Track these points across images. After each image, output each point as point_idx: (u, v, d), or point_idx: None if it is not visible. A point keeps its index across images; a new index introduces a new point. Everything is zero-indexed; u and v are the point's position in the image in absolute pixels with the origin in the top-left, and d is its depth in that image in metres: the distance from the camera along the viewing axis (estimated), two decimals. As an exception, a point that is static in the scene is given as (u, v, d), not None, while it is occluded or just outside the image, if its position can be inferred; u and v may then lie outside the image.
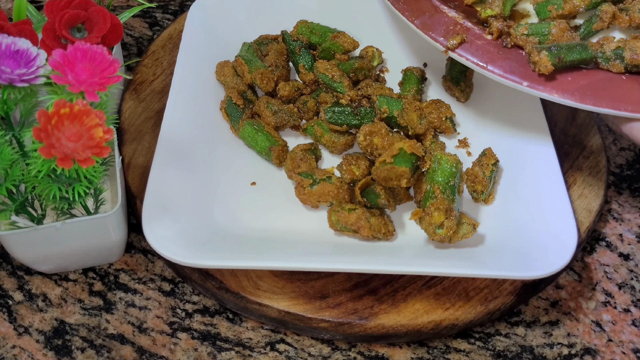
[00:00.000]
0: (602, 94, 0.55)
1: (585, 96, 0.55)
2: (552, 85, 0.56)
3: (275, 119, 0.66)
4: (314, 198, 0.60)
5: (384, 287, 0.58)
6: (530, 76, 0.57)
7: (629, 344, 0.60)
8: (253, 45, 0.73)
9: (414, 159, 0.57)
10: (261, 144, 0.65)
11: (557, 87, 0.56)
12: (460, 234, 0.57)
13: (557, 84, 0.56)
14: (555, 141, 0.64)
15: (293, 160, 0.63)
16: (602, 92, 0.55)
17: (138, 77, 0.75)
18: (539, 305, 0.62)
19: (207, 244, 0.57)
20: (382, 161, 0.57)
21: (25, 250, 0.57)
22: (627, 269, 0.65)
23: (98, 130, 0.47)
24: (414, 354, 0.59)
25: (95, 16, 0.62)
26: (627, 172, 0.73)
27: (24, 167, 0.52)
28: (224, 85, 0.71)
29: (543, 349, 0.59)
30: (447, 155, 0.57)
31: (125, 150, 0.67)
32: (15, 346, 0.58)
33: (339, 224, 0.58)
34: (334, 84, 0.67)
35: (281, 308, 0.57)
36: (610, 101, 0.55)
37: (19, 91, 0.51)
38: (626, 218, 0.69)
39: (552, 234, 0.56)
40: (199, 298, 0.62)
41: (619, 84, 0.56)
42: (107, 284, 0.62)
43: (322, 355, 0.59)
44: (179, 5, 0.90)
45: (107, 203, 0.62)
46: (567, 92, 0.56)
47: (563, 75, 0.57)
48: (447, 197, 0.56)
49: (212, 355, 0.58)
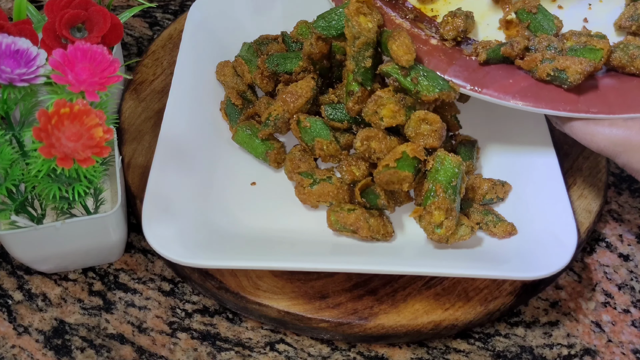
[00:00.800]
0: (541, 95, 0.57)
1: (525, 97, 0.57)
2: (494, 87, 0.58)
3: (274, 128, 0.65)
4: (313, 198, 0.60)
5: (383, 287, 0.58)
6: (473, 80, 0.59)
7: (629, 344, 0.60)
8: (253, 45, 0.73)
9: (416, 162, 0.57)
10: (257, 148, 0.65)
11: (499, 89, 0.58)
12: (458, 235, 0.57)
13: (499, 86, 0.58)
14: (555, 142, 0.64)
15: (292, 161, 0.63)
16: (542, 94, 0.57)
17: (138, 77, 0.75)
18: (539, 305, 0.62)
19: (207, 244, 0.57)
20: (384, 165, 0.57)
21: (25, 250, 0.57)
22: (626, 270, 0.65)
23: (98, 130, 0.47)
24: (413, 354, 0.59)
25: (96, 16, 0.62)
26: (627, 173, 0.73)
27: (24, 166, 0.52)
28: (224, 85, 0.71)
29: (543, 350, 0.59)
30: (451, 155, 0.57)
31: (125, 150, 0.67)
32: (14, 346, 0.58)
33: (338, 224, 0.58)
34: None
35: (281, 308, 0.57)
36: (550, 102, 0.56)
37: (19, 91, 0.51)
38: (626, 219, 0.69)
39: (552, 235, 0.56)
40: (199, 298, 0.62)
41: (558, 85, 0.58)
42: (107, 284, 0.62)
43: (321, 355, 0.59)
44: (179, 5, 0.90)
45: (107, 203, 0.62)
46: (509, 93, 0.57)
47: (505, 78, 0.58)
48: (449, 197, 0.56)
49: (211, 355, 0.58)
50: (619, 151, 0.54)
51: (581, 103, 0.56)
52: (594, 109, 0.56)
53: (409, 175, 0.57)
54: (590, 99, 0.56)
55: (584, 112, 0.56)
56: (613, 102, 0.56)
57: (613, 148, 0.54)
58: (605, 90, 0.57)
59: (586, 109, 0.56)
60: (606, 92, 0.57)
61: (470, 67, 0.60)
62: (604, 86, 0.57)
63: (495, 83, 0.58)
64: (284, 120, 0.64)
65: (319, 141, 0.62)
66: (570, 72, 0.56)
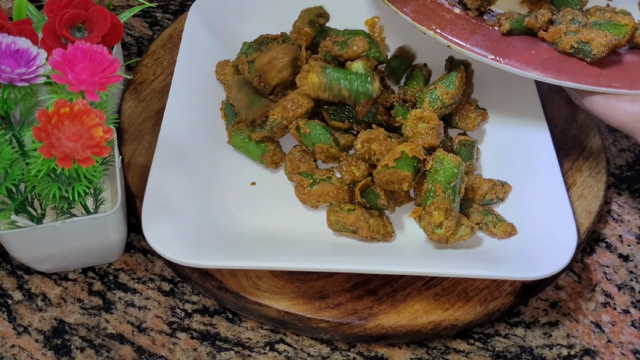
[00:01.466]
0: (564, 68, 0.57)
1: (547, 69, 0.57)
2: (515, 58, 0.58)
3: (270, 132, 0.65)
4: (313, 198, 0.60)
5: (383, 287, 0.58)
6: (495, 50, 0.58)
7: (629, 345, 0.60)
8: (253, 45, 0.73)
9: (416, 162, 0.57)
10: (253, 152, 0.65)
11: (521, 60, 0.58)
12: (458, 236, 0.57)
13: (521, 57, 0.58)
14: (555, 142, 0.64)
15: (292, 162, 0.63)
16: (564, 66, 0.57)
17: (138, 77, 0.75)
18: (539, 306, 0.62)
19: (206, 244, 0.57)
20: (384, 165, 0.57)
21: (25, 250, 0.57)
22: (626, 270, 0.65)
23: (98, 130, 0.47)
24: (413, 354, 0.59)
25: (96, 16, 0.62)
26: (627, 173, 0.73)
27: (23, 166, 0.52)
28: (224, 84, 0.71)
29: (542, 350, 0.59)
30: (450, 156, 0.57)
31: (125, 150, 0.67)
32: (14, 345, 0.58)
33: (338, 224, 0.58)
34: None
35: (280, 308, 0.57)
36: (572, 74, 0.56)
37: (19, 90, 0.51)
38: (626, 219, 0.69)
39: (552, 235, 0.56)
40: (199, 298, 0.62)
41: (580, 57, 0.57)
42: (107, 284, 0.62)
43: (321, 355, 0.59)
44: (179, 5, 0.90)
45: (107, 203, 0.62)
46: (530, 64, 0.57)
47: (527, 49, 0.58)
48: (448, 197, 0.56)
49: (211, 355, 0.58)
50: (638, 127, 0.54)
51: (603, 77, 0.56)
52: (615, 84, 0.55)
53: (408, 174, 0.57)
54: (613, 74, 0.56)
55: (605, 86, 0.55)
56: (635, 78, 0.56)
57: (633, 124, 0.55)
58: (628, 65, 0.57)
59: (608, 83, 0.55)
60: (629, 68, 0.57)
61: (493, 37, 0.59)
62: (627, 62, 0.57)
63: (517, 54, 0.58)
64: (281, 126, 0.64)
65: (319, 146, 0.62)
66: (595, 44, 0.55)
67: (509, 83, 0.69)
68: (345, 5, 0.76)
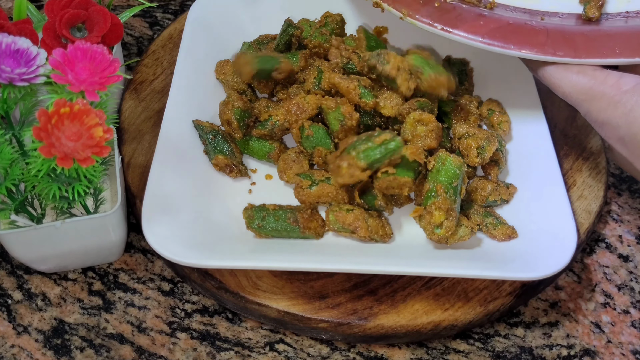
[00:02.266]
0: (510, 37, 0.58)
1: (494, 38, 0.58)
2: (463, 28, 0.58)
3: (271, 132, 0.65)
4: (312, 199, 0.60)
5: (383, 287, 0.58)
6: (444, 20, 0.59)
7: (628, 345, 0.60)
8: (253, 45, 0.73)
9: (416, 165, 0.57)
10: (258, 152, 0.66)
11: (468, 29, 0.58)
12: (458, 236, 0.57)
13: (469, 27, 0.59)
14: (555, 142, 0.64)
15: (285, 162, 0.63)
16: (511, 36, 0.58)
17: (138, 77, 0.75)
18: (538, 306, 0.62)
19: (206, 244, 0.57)
20: (384, 172, 0.56)
21: (25, 250, 0.57)
22: (626, 270, 0.65)
23: (98, 130, 0.47)
24: (413, 354, 0.59)
25: (96, 16, 0.62)
26: (627, 174, 0.73)
27: (23, 166, 0.52)
28: (224, 84, 0.71)
29: (542, 350, 0.59)
30: (452, 156, 0.57)
31: (125, 150, 0.67)
32: (14, 345, 0.58)
33: (337, 224, 0.58)
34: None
35: (280, 308, 0.57)
36: (517, 43, 0.57)
37: (19, 90, 0.51)
38: (626, 219, 0.69)
39: (552, 235, 0.56)
40: (198, 298, 0.62)
41: (528, 28, 0.58)
42: (107, 284, 0.62)
43: (321, 355, 0.59)
44: (179, 5, 0.90)
45: (107, 202, 0.62)
46: (478, 34, 0.58)
47: (476, 19, 0.59)
48: (449, 197, 0.56)
49: (211, 355, 0.58)
50: (581, 99, 0.55)
51: (548, 46, 0.57)
52: (560, 52, 0.56)
53: (409, 180, 0.56)
54: (557, 42, 0.57)
55: (550, 55, 0.56)
56: (579, 47, 0.56)
57: (577, 95, 0.55)
58: (574, 35, 0.58)
59: (552, 51, 0.56)
60: (574, 37, 0.57)
61: (443, 9, 0.60)
62: (573, 32, 0.58)
63: (465, 24, 0.59)
64: (282, 128, 0.64)
65: (319, 149, 0.62)
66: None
67: (508, 83, 0.69)
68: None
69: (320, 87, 0.64)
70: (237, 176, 0.64)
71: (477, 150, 0.61)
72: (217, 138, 0.64)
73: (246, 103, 0.65)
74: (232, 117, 0.64)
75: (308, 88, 0.65)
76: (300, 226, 0.59)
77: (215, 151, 0.64)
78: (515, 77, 0.70)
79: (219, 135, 0.64)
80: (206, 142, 0.65)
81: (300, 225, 0.59)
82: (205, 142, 0.65)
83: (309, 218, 0.59)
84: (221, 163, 0.64)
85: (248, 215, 0.59)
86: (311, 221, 0.59)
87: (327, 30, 0.69)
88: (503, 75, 0.70)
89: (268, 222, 0.59)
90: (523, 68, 0.70)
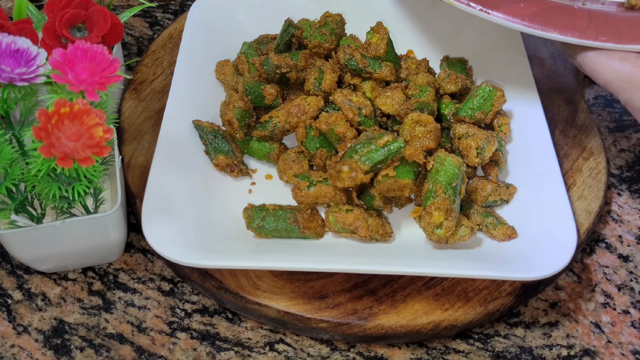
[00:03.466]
0: (551, 20, 0.57)
1: (534, 21, 0.57)
2: (503, 10, 0.57)
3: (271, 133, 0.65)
4: (310, 200, 0.60)
5: (383, 287, 0.58)
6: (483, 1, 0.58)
7: (628, 345, 0.60)
8: (253, 44, 0.73)
9: (416, 166, 0.57)
10: (258, 152, 0.66)
11: (508, 11, 0.57)
12: (458, 236, 0.57)
13: (509, 9, 0.57)
14: (555, 142, 0.64)
15: (285, 162, 0.63)
16: (552, 19, 0.57)
17: (138, 77, 0.75)
18: (538, 306, 0.62)
19: (206, 244, 0.57)
20: (384, 175, 0.56)
21: (25, 250, 0.57)
22: (626, 271, 0.65)
23: (98, 130, 0.47)
24: (413, 354, 0.59)
25: (96, 15, 0.62)
26: (627, 174, 0.73)
27: (23, 166, 0.52)
28: (224, 84, 0.71)
29: (542, 350, 0.59)
30: (452, 156, 0.57)
31: (125, 150, 0.67)
32: (14, 345, 0.58)
33: (337, 225, 0.58)
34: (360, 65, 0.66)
35: (280, 308, 0.57)
36: (558, 27, 0.56)
37: (19, 90, 0.51)
38: (626, 219, 0.69)
39: (552, 235, 0.56)
40: (198, 298, 0.62)
41: (569, 12, 0.57)
42: (107, 284, 0.62)
43: (321, 355, 0.59)
44: (180, 5, 0.90)
45: (107, 202, 0.62)
46: (518, 16, 0.57)
47: (516, 2, 0.58)
48: (449, 197, 0.56)
49: (211, 355, 0.58)
50: (624, 87, 0.54)
51: (590, 30, 0.55)
52: (602, 37, 0.55)
53: (409, 182, 0.56)
54: (600, 27, 0.56)
55: (592, 40, 0.55)
56: (623, 32, 0.55)
57: (619, 83, 0.54)
58: (617, 20, 0.57)
59: (595, 36, 0.55)
60: (617, 23, 0.56)
61: None
62: (616, 17, 0.57)
63: (505, 5, 0.58)
64: (283, 129, 0.64)
65: (322, 151, 0.62)
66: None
67: (508, 82, 0.69)
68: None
69: (320, 88, 0.64)
70: (238, 175, 0.64)
71: (477, 151, 0.61)
72: (217, 138, 0.64)
73: (247, 103, 0.65)
74: (233, 117, 0.64)
75: (308, 88, 0.65)
76: (300, 226, 0.59)
77: (216, 151, 0.64)
78: (515, 76, 0.70)
79: (219, 135, 0.65)
80: (207, 143, 0.65)
81: (300, 225, 0.59)
82: (206, 143, 0.65)
83: (309, 218, 0.59)
84: (222, 163, 0.64)
85: (248, 215, 0.59)
86: (311, 221, 0.59)
87: (327, 30, 0.69)
88: (503, 75, 0.70)
89: (268, 222, 0.59)
90: (523, 68, 0.70)
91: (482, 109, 0.64)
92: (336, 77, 0.65)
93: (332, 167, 0.57)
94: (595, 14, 0.57)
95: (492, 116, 0.65)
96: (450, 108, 0.66)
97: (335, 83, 0.65)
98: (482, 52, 0.73)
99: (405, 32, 0.76)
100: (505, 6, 0.58)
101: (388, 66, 0.65)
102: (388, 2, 0.78)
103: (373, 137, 0.57)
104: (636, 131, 0.76)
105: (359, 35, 0.71)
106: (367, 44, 0.68)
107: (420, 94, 0.65)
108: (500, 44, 0.73)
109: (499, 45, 0.73)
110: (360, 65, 0.64)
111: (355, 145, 0.56)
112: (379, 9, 0.77)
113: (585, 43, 0.55)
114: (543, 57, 0.78)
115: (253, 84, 0.66)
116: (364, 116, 0.62)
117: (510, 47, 0.72)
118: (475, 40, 0.73)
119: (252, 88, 0.66)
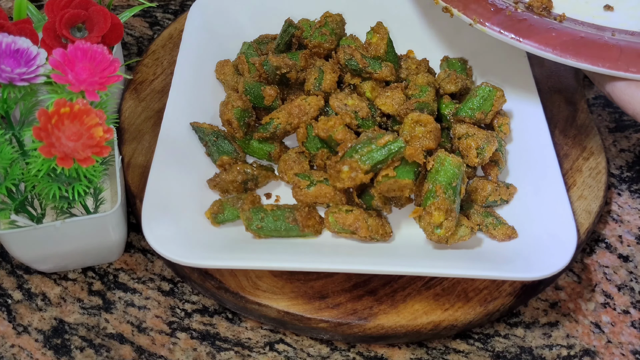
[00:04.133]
0: (582, 51, 0.57)
1: (566, 51, 0.58)
2: (535, 39, 0.58)
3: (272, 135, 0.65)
4: (310, 199, 0.60)
5: (383, 287, 0.58)
6: (516, 30, 0.59)
7: (628, 345, 0.60)
8: (253, 44, 0.73)
9: (416, 166, 0.57)
10: (259, 152, 0.65)
11: (540, 40, 0.58)
12: (458, 236, 0.57)
13: (541, 38, 0.58)
14: (555, 142, 0.64)
15: (286, 162, 0.63)
16: (583, 49, 0.58)
17: (138, 77, 0.75)
18: (538, 306, 0.62)
19: (206, 244, 0.57)
20: (384, 175, 0.56)
21: (25, 249, 0.57)
22: (626, 271, 0.65)
23: (98, 130, 0.47)
24: (413, 354, 0.59)
25: (96, 16, 0.62)
26: (627, 174, 0.73)
27: (23, 166, 0.52)
28: (224, 84, 0.71)
29: (542, 350, 0.59)
30: (451, 156, 0.57)
31: (125, 150, 0.67)
32: (14, 345, 0.58)
33: (337, 226, 0.58)
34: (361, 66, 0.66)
35: (280, 308, 0.57)
36: (589, 57, 0.57)
37: (19, 90, 0.51)
38: (626, 220, 0.69)
39: (552, 235, 0.56)
40: (198, 298, 0.62)
41: (600, 43, 0.58)
42: (107, 284, 0.62)
43: (321, 355, 0.58)
44: (180, 5, 0.90)
45: (107, 202, 0.62)
46: (550, 45, 0.58)
47: (548, 31, 0.59)
48: (449, 197, 0.56)
49: (211, 355, 0.58)
50: None
51: (621, 61, 0.56)
52: (633, 69, 0.56)
53: (409, 182, 0.56)
54: (631, 59, 0.57)
55: (622, 70, 0.56)
56: None
57: None
58: None
59: (625, 67, 0.56)
60: None
61: (514, 19, 0.60)
62: None
63: (537, 34, 0.58)
64: (283, 131, 0.64)
65: (323, 151, 0.62)
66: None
67: (508, 82, 0.69)
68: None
69: (320, 88, 0.64)
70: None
71: (477, 151, 0.61)
72: (219, 139, 0.64)
73: (246, 102, 0.65)
74: (232, 117, 0.64)
75: (308, 88, 0.65)
76: (299, 225, 0.59)
77: (219, 152, 0.64)
78: (515, 76, 0.70)
79: (221, 136, 0.64)
80: (208, 144, 0.64)
81: (299, 223, 0.59)
82: (207, 144, 0.65)
83: (307, 216, 0.59)
84: (226, 164, 0.63)
85: (246, 217, 0.59)
86: (309, 219, 0.59)
87: (327, 30, 0.69)
88: (503, 75, 0.70)
89: (267, 222, 0.59)
90: (523, 68, 0.70)
91: (482, 109, 0.64)
92: (336, 77, 0.65)
93: (332, 167, 0.57)
94: (625, 46, 0.58)
95: (492, 116, 0.65)
96: (450, 108, 0.66)
97: (336, 83, 0.65)
98: (482, 52, 0.73)
99: (405, 32, 0.76)
100: (537, 35, 0.58)
101: (388, 66, 0.65)
102: (388, 2, 0.78)
103: (373, 137, 0.57)
104: (636, 131, 0.77)
105: (359, 35, 0.71)
106: (367, 44, 0.68)
107: (420, 94, 0.65)
108: (500, 44, 0.73)
109: (499, 45, 0.73)
110: (361, 65, 0.64)
111: (356, 145, 0.56)
112: (379, 9, 0.77)
113: (616, 74, 0.56)
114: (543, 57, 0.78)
115: (253, 84, 0.66)
116: (361, 119, 0.62)
117: (510, 47, 0.72)
118: (475, 40, 0.73)
119: (252, 88, 0.66)
